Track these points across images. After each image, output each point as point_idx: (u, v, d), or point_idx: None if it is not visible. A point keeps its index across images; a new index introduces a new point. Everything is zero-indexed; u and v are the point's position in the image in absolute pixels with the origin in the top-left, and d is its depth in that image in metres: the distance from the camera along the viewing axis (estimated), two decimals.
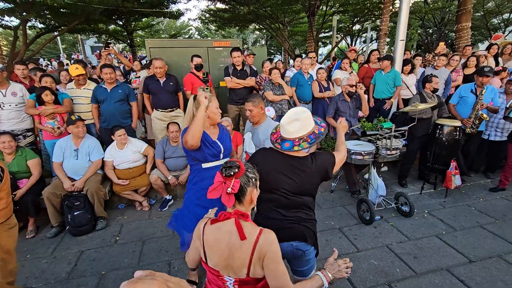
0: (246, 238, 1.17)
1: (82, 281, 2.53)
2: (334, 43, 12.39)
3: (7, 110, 3.54)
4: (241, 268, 1.19)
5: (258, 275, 1.20)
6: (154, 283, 0.39)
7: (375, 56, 5.44)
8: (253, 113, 2.41)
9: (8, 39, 15.89)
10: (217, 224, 1.24)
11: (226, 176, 1.19)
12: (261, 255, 1.17)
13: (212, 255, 1.23)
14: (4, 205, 1.76)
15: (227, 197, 1.18)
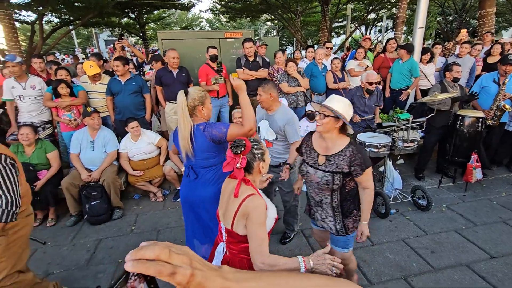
0: (237, 197, 1.38)
1: (101, 269, 2.60)
2: (348, 33, 12.04)
3: (27, 103, 3.64)
4: (229, 219, 1.42)
5: (240, 231, 1.38)
6: (156, 248, 0.43)
7: (392, 45, 5.23)
8: (261, 98, 2.45)
9: (26, 34, 16.31)
10: (229, 179, 1.54)
11: (234, 153, 1.39)
12: (244, 214, 1.34)
13: (220, 200, 1.55)
14: (21, 195, 1.80)
15: (237, 170, 1.40)
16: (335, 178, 1.73)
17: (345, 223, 1.86)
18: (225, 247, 1.51)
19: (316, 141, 1.87)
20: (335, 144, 1.76)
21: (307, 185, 1.96)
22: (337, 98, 1.75)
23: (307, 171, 1.85)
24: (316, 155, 1.83)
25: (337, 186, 1.75)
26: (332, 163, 1.73)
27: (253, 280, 0.50)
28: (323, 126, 1.71)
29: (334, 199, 1.83)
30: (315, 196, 1.90)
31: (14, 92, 3.58)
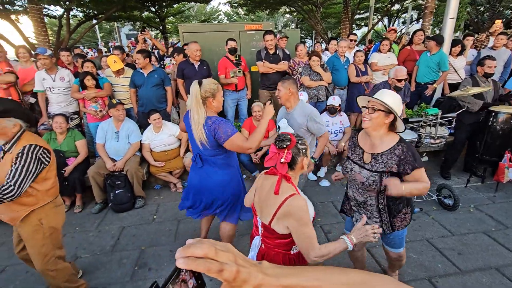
0: (278, 194, 1.36)
1: (125, 255, 2.70)
2: (370, 25, 11.61)
3: (56, 94, 3.80)
4: (267, 216, 1.41)
5: (278, 229, 1.37)
6: (204, 246, 0.45)
7: (419, 37, 4.99)
8: (280, 93, 2.44)
9: (52, 29, 16.96)
10: (267, 175, 1.51)
11: (279, 148, 1.36)
12: (286, 214, 1.33)
13: (256, 197, 1.54)
14: (51, 185, 1.88)
15: (281, 165, 1.37)
16: (383, 178, 1.61)
17: (392, 222, 1.76)
18: (260, 240, 1.52)
19: (362, 138, 1.77)
20: (382, 142, 1.64)
21: (349, 184, 1.84)
22: (388, 92, 1.63)
23: (352, 168, 1.74)
24: (361, 152, 1.73)
25: (385, 187, 1.63)
26: (379, 162, 1.62)
27: (293, 276, 0.51)
28: (372, 122, 1.60)
29: (381, 200, 1.71)
30: (358, 196, 1.78)
31: (45, 84, 3.75)
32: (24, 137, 1.76)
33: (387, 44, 4.75)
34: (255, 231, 1.59)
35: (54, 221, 1.91)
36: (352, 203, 1.89)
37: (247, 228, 3.00)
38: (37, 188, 1.79)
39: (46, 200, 1.85)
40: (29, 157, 1.69)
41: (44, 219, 1.85)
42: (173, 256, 2.63)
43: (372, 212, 1.77)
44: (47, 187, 1.85)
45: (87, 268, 2.54)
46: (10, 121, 1.70)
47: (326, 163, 4.12)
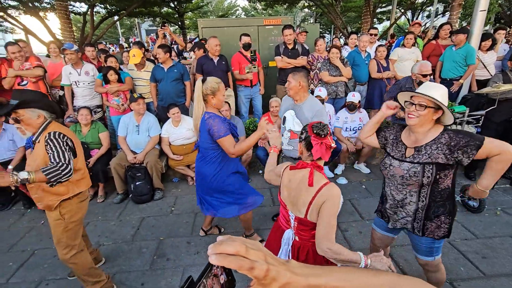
0: (313, 186, 1.37)
1: (144, 244, 2.80)
2: (393, 19, 11.19)
3: (82, 88, 3.95)
4: (301, 208, 1.41)
5: (314, 219, 1.38)
6: (236, 243, 0.46)
7: (446, 31, 4.78)
8: (290, 85, 2.39)
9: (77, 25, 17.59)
10: (294, 170, 1.51)
11: (324, 136, 1.39)
12: (320, 201, 1.34)
13: (284, 191, 1.54)
14: (81, 175, 1.95)
15: (328, 152, 1.39)
16: (426, 170, 1.49)
17: (426, 225, 1.62)
18: (293, 233, 1.53)
19: (406, 133, 1.66)
20: (426, 136, 1.54)
21: (387, 182, 1.74)
22: (435, 85, 1.53)
23: (391, 164, 1.64)
24: (403, 148, 1.62)
25: (428, 181, 1.50)
26: (422, 153, 1.51)
27: (322, 275, 0.51)
28: (420, 119, 1.48)
29: (422, 198, 1.58)
30: (396, 194, 1.66)
31: (71, 78, 3.91)
32: (49, 127, 1.81)
33: (412, 38, 4.57)
34: (284, 224, 1.59)
35: (76, 216, 1.97)
36: (388, 205, 1.75)
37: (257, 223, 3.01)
38: None
39: (75, 190, 1.91)
40: (56, 141, 1.74)
41: (67, 214, 1.91)
42: (190, 247, 2.70)
43: (408, 212, 1.65)
44: (78, 177, 1.91)
45: (109, 255, 2.65)
46: (33, 112, 1.75)
47: (343, 160, 4.05)
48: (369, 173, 4.05)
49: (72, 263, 1.98)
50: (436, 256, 1.74)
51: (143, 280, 2.35)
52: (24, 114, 1.73)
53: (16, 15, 9.12)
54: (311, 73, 4.61)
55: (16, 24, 7.57)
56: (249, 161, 3.95)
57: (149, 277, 2.38)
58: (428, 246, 1.70)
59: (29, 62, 3.79)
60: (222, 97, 2.13)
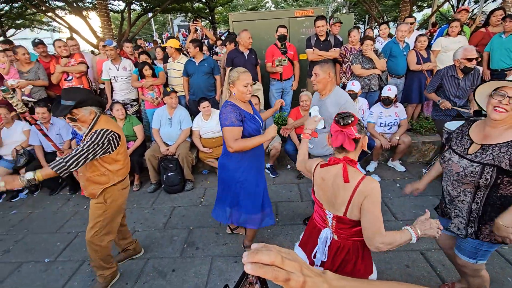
0: (349, 182, 1.31)
1: (175, 232, 2.92)
2: (435, 6, 10.35)
3: (120, 82, 4.18)
4: (340, 206, 1.36)
5: (354, 216, 1.33)
6: (271, 253, 0.45)
7: (498, 17, 4.32)
8: (318, 78, 2.19)
9: (115, 23, 18.59)
10: (326, 167, 1.44)
11: (344, 125, 1.32)
12: (360, 198, 1.29)
13: (318, 191, 1.49)
14: (121, 165, 2.06)
15: (350, 142, 1.32)
16: (485, 171, 1.37)
17: (480, 228, 1.51)
18: (332, 232, 1.48)
19: (476, 128, 1.54)
20: (500, 134, 1.40)
21: (444, 177, 1.65)
22: None
23: (450, 158, 1.56)
24: (468, 143, 1.51)
25: (485, 183, 1.39)
26: (487, 153, 1.40)
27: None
28: (509, 113, 1.34)
29: (477, 200, 1.47)
30: (452, 190, 1.58)
31: (110, 73, 4.15)
32: (99, 121, 1.93)
33: (457, 26, 4.17)
34: (321, 224, 1.54)
35: (117, 201, 2.08)
36: (446, 199, 1.68)
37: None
38: (109, 169, 1.98)
39: (115, 179, 2.03)
40: (96, 140, 1.82)
41: (109, 198, 2.03)
42: (219, 238, 2.76)
43: (461, 210, 1.56)
44: (118, 168, 2.02)
45: (143, 242, 2.80)
46: (86, 110, 1.87)
47: (376, 157, 3.88)
48: (404, 171, 3.83)
49: (97, 245, 2.07)
50: (480, 261, 1.61)
51: (174, 267, 2.46)
52: (79, 113, 1.85)
53: (62, 15, 9.85)
54: (343, 66, 4.44)
55: (62, 23, 8.17)
56: (277, 156, 3.93)
57: (180, 264, 2.48)
58: (474, 247, 1.58)
59: (74, 58, 4.08)
60: (243, 88, 2.02)
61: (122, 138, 2.02)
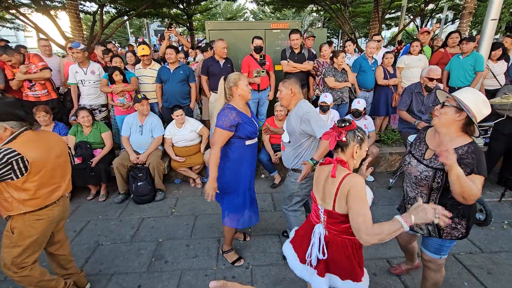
0: (335, 177, 1.43)
1: (143, 245, 2.78)
2: (401, 25, 11.10)
3: (87, 87, 3.98)
4: (329, 201, 1.46)
5: (342, 210, 1.41)
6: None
7: (454, 39, 4.72)
8: (281, 94, 2.21)
9: (87, 24, 17.82)
10: (323, 166, 1.60)
11: (338, 126, 1.47)
12: (345, 192, 1.38)
13: (315, 186, 1.63)
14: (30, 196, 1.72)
15: (334, 141, 1.47)
16: (437, 175, 1.55)
17: (439, 227, 1.68)
18: (323, 227, 1.56)
19: (431, 135, 1.70)
20: (451, 141, 1.55)
21: (405, 179, 1.80)
22: (469, 89, 1.55)
23: (410, 162, 1.72)
24: (425, 148, 1.68)
25: (437, 186, 1.57)
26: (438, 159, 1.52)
27: None
28: (440, 118, 1.55)
29: (431, 201, 1.64)
30: (410, 191, 1.76)
31: (77, 77, 3.94)
32: (17, 139, 1.64)
33: (418, 45, 4.51)
34: (314, 219, 1.63)
35: (28, 235, 1.76)
36: (406, 200, 1.84)
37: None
38: (13, 196, 1.67)
39: (21, 209, 1.70)
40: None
41: (18, 229, 1.73)
42: (189, 251, 2.68)
43: None
44: (24, 197, 1.69)
45: (107, 256, 2.64)
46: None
47: None
48: (373, 181, 3.99)
49: (16, 279, 1.80)
50: (443, 256, 1.78)
51: (140, 282, 2.33)
52: None
53: (27, 13, 9.28)
54: (316, 78, 4.59)
55: (27, 22, 7.69)
56: None
57: (146, 280, 2.36)
58: (439, 244, 1.73)
59: (33, 63, 3.80)
60: (246, 87, 2.16)
61: (37, 164, 1.67)
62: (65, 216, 2.02)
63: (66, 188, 1.93)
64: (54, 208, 1.85)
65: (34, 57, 3.88)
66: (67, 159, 1.94)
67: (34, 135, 1.73)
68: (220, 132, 2.09)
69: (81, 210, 3.44)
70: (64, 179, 1.90)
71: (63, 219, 2.02)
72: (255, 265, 2.51)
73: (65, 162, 1.90)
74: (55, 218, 1.88)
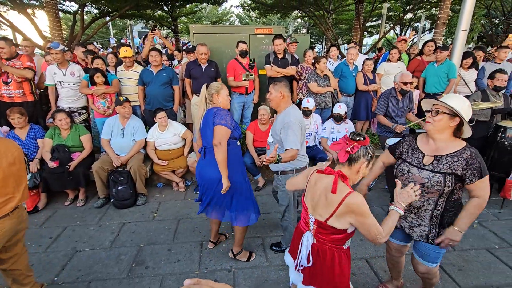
0: (335, 193, 1.39)
1: (123, 251, 2.72)
2: (382, 33, 11.53)
3: (66, 88, 3.87)
4: (323, 214, 1.45)
5: (335, 225, 1.42)
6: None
7: (429, 48, 4.96)
8: (271, 96, 2.26)
9: (67, 24, 17.29)
10: (321, 174, 1.53)
11: (352, 139, 1.43)
12: (347, 212, 1.38)
13: (308, 194, 1.57)
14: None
15: (344, 154, 1.42)
16: (447, 179, 1.56)
17: (440, 233, 1.69)
18: (312, 236, 1.55)
19: (422, 141, 1.73)
20: (447, 145, 1.60)
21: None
22: (456, 95, 1.61)
23: (409, 170, 1.69)
24: (421, 155, 1.68)
25: (449, 190, 1.58)
26: (443, 163, 1.58)
27: None
28: (434, 125, 1.58)
29: (438, 206, 1.65)
30: (414, 201, 1.68)
31: (56, 78, 3.82)
32: None
33: (396, 53, 4.72)
34: (303, 227, 1.62)
35: None
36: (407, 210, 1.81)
37: None
38: None
39: None
40: None
41: None
42: (171, 255, 2.64)
43: (423, 219, 1.72)
44: None
45: (86, 262, 2.57)
46: None
47: None
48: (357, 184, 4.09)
49: None
50: (438, 263, 1.83)
51: None
52: None
53: (3, 10, 8.91)
54: (300, 83, 4.68)
55: (2, 20, 7.38)
56: None
57: (126, 286, 2.31)
58: (437, 252, 1.76)
59: (20, 61, 3.67)
60: (227, 97, 2.28)
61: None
62: (22, 228, 1.87)
63: (21, 198, 1.78)
64: (6, 221, 1.70)
65: (26, 56, 3.75)
66: (22, 167, 1.79)
67: None
68: (225, 130, 2.13)
69: (58, 216, 3.32)
70: (18, 189, 1.76)
71: (19, 232, 1.85)
72: (237, 268, 2.51)
73: (19, 170, 1.76)
74: (6, 233, 1.72)
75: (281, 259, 2.61)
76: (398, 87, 3.36)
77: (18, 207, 1.79)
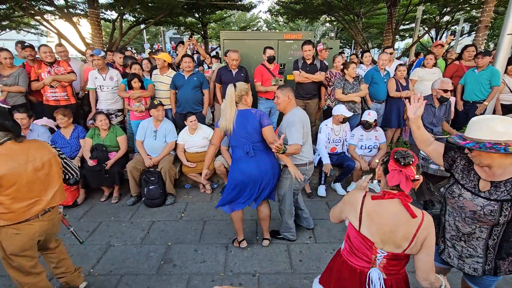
0: (416, 216, 1.27)
1: (152, 248, 2.84)
2: (416, 37, 11.07)
3: (105, 92, 4.14)
4: (402, 243, 1.30)
5: (413, 251, 1.31)
6: None
7: (470, 53, 4.68)
8: (279, 100, 2.58)
9: (105, 30, 18.52)
10: (379, 200, 1.35)
11: (405, 164, 1.26)
12: (424, 233, 1.27)
13: (371, 226, 1.34)
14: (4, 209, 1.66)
15: (408, 183, 1.26)
16: (504, 208, 1.35)
17: (498, 264, 1.47)
18: (379, 272, 1.38)
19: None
20: (505, 171, 1.38)
21: (451, 211, 1.57)
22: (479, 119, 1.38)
23: (461, 194, 1.48)
24: (476, 178, 1.46)
25: (505, 220, 1.36)
26: (501, 190, 1.36)
27: None
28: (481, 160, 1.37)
29: (494, 236, 1.43)
30: (462, 227, 1.51)
31: (96, 82, 4.11)
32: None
33: (432, 58, 4.50)
34: (362, 265, 1.41)
35: (5, 245, 1.73)
36: (448, 235, 1.60)
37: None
38: None
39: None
40: None
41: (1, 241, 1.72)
42: (197, 255, 2.72)
43: (476, 248, 1.49)
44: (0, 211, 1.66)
45: (118, 257, 2.71)
46: None
47: (356, 178, 3.98)
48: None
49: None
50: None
51: (148, 284, 2.38)
52: None
53: (51, 19, 9.75)
54: (328, 89, 4.62)
55: (50, 28, 8.08)
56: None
57: (155, 282, 2.41)
58: (491, 280, 1.56)
59: (62, 66, 4.02)
60: (251, 96, 2.49)
61: (10, 178, 1.61)
62: (54, 232, 1.96)
63: (50, 202, 1.81)
64: (35, 223, 1.76)
65: (64, 62, 4.12)
66: (53, 171, 1.82)
67: (11, 148, 1.65)
68: (271, 127, 2.40)
69: (94, 211, 3.54)
70: (45, 193, 1.78)
71: (51, 235, 1.94)
72: (262, 273, 2.52)
73: (47, 175, 1.78)
74: (36, 234, 1.78)
75: (305, 266, 2.58)
76: (437, 94, 3.20)
77: (49, 210, 1.84)
